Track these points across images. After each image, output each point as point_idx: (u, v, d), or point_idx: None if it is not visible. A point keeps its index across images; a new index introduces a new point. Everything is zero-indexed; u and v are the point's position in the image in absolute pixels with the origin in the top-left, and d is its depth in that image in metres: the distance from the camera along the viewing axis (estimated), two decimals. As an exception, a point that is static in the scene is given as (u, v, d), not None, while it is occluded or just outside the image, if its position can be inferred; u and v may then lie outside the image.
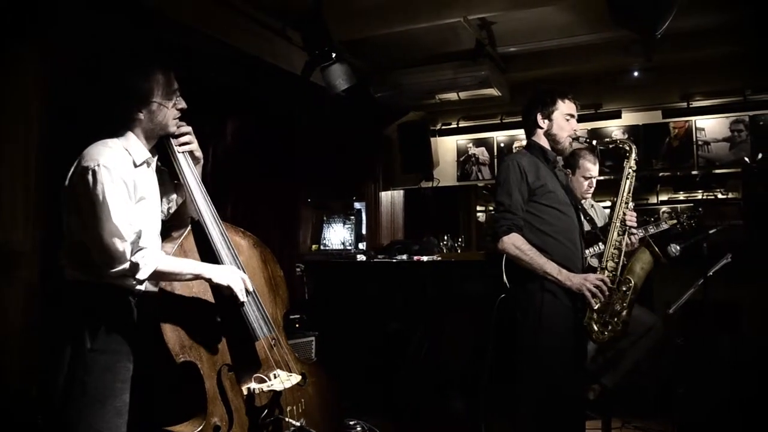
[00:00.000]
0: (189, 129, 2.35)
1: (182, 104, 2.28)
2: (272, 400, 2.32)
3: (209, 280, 2.21)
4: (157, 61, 2.25)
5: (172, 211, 2.50)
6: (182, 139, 2.34)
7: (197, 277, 2.19)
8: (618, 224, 2.93)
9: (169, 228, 2.38)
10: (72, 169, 2.10)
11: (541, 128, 3.01)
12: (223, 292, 2.24)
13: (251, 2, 4.30)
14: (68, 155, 2.15)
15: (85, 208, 2.04)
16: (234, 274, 2.25)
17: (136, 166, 2.18)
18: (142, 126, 2.21)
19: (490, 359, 3.89)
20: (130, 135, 2.20)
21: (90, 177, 2.02)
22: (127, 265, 2.04)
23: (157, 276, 2.12)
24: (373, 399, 4.43)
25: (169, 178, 2.44)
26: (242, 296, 2.25)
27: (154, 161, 2.30)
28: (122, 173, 2.08)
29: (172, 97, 2.24)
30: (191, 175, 2.35)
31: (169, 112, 2.24)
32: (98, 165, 2.03)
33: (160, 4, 3.61)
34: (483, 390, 3.88)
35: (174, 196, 2.48)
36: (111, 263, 2.03)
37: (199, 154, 2.41)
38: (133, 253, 2.04)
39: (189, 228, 2.35)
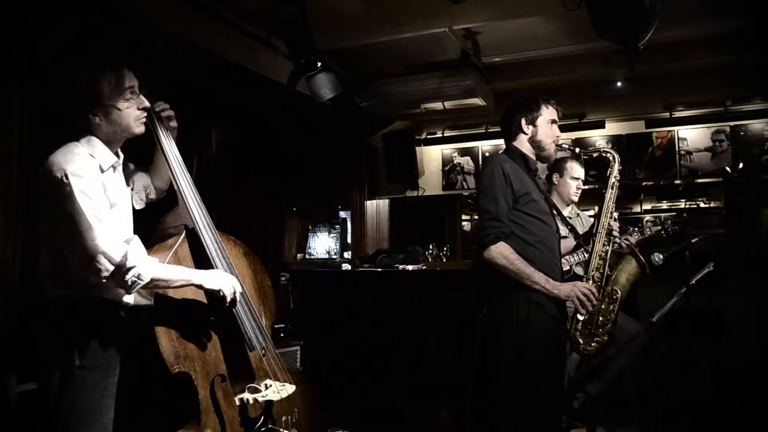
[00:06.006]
0: (159, 103, 2.31)
1: (145, 103, 2.16)
2: (265, 410, 2.29)
3: (200, 286, 2.15)
4: (107, 60, 2.11)
5: (152, 197, 2.45)
6: (163, 114, 2.31)
7: (188, 283, 2.13)
8: (603, 234, 2.90)
9: (163, 236, 2.31)
10: (39, 179, 1.99)
11: (525, 134, 2.97)
12: (214, 296, 2.20)
13: (236, 11, 4.29)
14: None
15: (63, 223, 1.93)
16: (224, 278, 2.22)
17: (102, 171, 2.06)
18: (101, 131, 2.09)
19: (476, 368, 3.88)
20: (93, 139, 2.08)
21: (61, 188, 1.91)
22: (119, 279, 1.95)
23: (149, 286, 2.05)
24: (358, 408, 4.41)
25: (141, 167, 2.39)
26: (230, 297, 2.19)
27: (120, 165, 2.19)
28: (93, 180, 1.99)
29: (128, 97, 2.10)
30: (183, 177, 2.30)
31: (126, 113, 2.11)
32: (66, 174, 1.92)
33: (145, 12, 3.59)
34: (468, 399, 3.87)
35: (149, 181, 2.43)
36: (102, 277, 1.93)
37: (173, 123, 2.38)
38: (124, 269, 1.94)
39: (183, 235, 2.30)
